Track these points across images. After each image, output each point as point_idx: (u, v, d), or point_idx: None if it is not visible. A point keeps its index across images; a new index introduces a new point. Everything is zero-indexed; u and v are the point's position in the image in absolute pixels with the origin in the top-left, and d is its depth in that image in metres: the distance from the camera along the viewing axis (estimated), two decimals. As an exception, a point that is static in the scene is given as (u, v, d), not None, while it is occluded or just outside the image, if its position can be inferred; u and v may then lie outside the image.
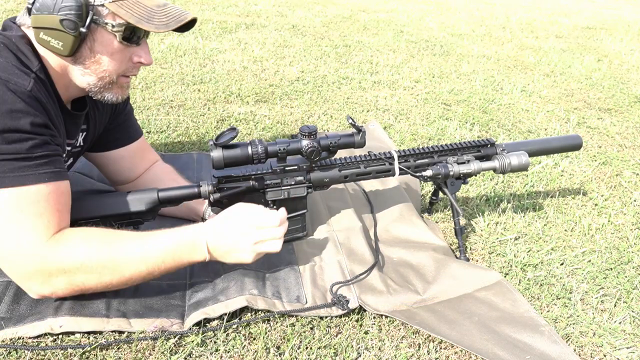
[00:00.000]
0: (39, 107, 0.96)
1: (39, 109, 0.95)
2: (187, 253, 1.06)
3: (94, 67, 1.05)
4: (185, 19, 1.04)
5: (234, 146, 1.18)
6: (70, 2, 0.95)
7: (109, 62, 1.05)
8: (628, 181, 1.96)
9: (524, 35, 4.74)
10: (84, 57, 1.03)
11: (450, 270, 1.29)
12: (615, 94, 3.11)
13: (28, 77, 0.96)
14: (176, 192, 1.24)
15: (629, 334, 1.19)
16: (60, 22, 0.96)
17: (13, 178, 0.92)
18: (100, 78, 1.06)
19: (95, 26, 1.00)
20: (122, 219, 1.22)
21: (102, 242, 1.00)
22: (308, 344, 1.06)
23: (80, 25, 0.97)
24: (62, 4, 0.95)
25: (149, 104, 2.32)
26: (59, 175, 0.99)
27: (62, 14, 0.95)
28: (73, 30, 0.97)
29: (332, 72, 3.08)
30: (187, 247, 1.06)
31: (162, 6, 1.04)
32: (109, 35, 1.02)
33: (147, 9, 1.01)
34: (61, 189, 1.00)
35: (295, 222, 1.34)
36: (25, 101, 0.93)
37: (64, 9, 0.95)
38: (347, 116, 1.27)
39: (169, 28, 1.02)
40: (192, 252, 1.07)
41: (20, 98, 0.92)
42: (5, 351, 0.97)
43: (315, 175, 1.32)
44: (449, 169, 1.37)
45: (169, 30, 1.03)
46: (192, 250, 1.07)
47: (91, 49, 1.02)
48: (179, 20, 1.03)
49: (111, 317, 1.05)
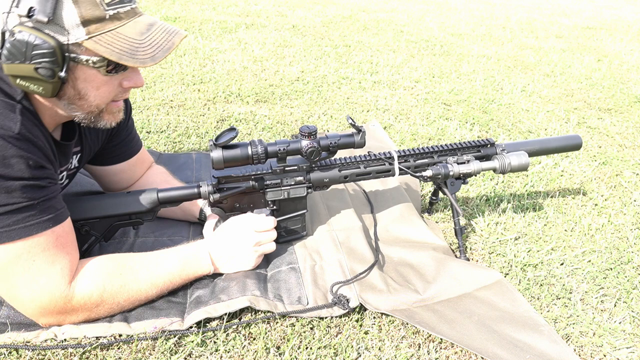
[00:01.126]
0: (31, 147, 0.90)
1: (31, 150, 0.89)
2: (192, 269, 1.15)
3: (80, 103, 0.97)
4: (173, 44, 0.94)
5: (234, 146, 1.18)
6: (42, 49, 0.84)
7: (95, 96, 0.96)
8: (628, 181, 1.96)
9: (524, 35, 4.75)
10: (67, 95, 0.95)
11: (450, 270, 1.29)
12: (615, 94, 3.11)
13: (14, 115, 0.88)
14: (176, 193, 1.24)
15: (629, 334, 1.19)
16: (36, 71, 0.86)
17: (20, 230, 0.89)
18: (88, 112, 0.99)
19: (74, 64, 0.90)
20: (122, 219, 1.22)
21: (114, 274, 1.04)
22: (308, 344, 1.06)
23: (58, 71, 0.87)
24: (33, 51, 0.84)
25: (149, 104, 2.32)
26: (62, 216, 0.97)
27: (35, 62, 0.85)
28: (51, 78, 0.87)
29: (332, 72, 3.08)
30: (192, 263, 1.14)
31: (146, 32, 0.93)
32: (91, 71, 0.92)
33: (128, 42, 0.90)
34: (65, 229, 0.98)
35: (295, 222, 1.34)
36: (16, 145, 0.86)
37: (36, 57, 0.84)
38: (347, 116, 1.27)
39: (155, 61, 0.91)
40: (197, 267, 1.15)
41: (10, 143, 0.86)
42: (6, 351, 0.97)
43: (315, 175, 1.32)
44: (449, 169, 1.38)
45: (155, 63, 0.92)
46: (197, 266, 1.15)
47: (74, 87, 0.93)
48: (166, 49, 0.93)
49: (113, 321, 1.05)
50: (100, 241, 1.23)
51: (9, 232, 0.89)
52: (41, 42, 0.84)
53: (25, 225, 0.90)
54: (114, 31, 0.89)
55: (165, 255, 1.12)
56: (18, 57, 0.85)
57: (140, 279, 1.06)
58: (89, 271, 1.01)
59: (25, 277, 0.93)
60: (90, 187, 1.47)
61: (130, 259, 1.08)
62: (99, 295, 1.01)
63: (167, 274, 1.10)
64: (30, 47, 0.84)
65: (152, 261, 1.09)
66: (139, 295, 1.06)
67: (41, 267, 0.93)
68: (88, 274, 1.00)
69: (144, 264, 1.08)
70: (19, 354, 0.97)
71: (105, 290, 1.01)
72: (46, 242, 0.93)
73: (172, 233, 1.38)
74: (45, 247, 0.94)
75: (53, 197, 0.95)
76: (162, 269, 1.09)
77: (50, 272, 0.95)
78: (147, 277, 1.07)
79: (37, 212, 0.91)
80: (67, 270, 0.97)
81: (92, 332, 1.02)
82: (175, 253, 1.13)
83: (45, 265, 0.94)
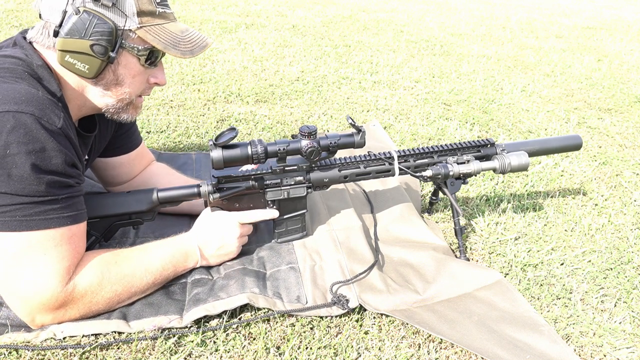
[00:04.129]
0: (68, 144, 0.95)
1: (68, 146, 0.95)
2: (182, 259, 1.17)
3: (114, 89, 1.05)
4: (206, 44, 1.08)
5: (234, 146, 1.18)
6: (102, 28, 0.95)
7: (130, 84, 1.06)
8: (628, 181, 1.96)
9: (524, 35, 4.75)
10: (106, 79, 1.03)
11: (450, 270, 1.29)
12: (615, 94, 3.11)
13: (58, 111, 0.94)
14: (175, 192, 1.25)
15: (629, 334, 1.19)
16: (91, 47, 0.96)
17: (39, 221, 0.92)
18: (120, 100, 1.07)
19: (121, 50, 1.01)
20: (122, 218, 1.22)
21: (111, 263, 1.05)
22: (308, 344, 1.06)
23: (109, 50, 0.98)
24: (94, 29, 0.95)
25: (149, 104, 2.32)
26: (80, 217, 1.00)
27: (93, 39, 0.95)
28: (102, 55, 0.97)
29: (332, 72, 3.08)
30: (181, 253, 1.17)
31: (185, 31, 1.07)
32: (132, 59, 1.03)
33: (172, 35, 1.03)
34: (81, 230, 1.01)
35: (295, 222, 1.34)
36: (57, 140, 0.92)
37: (95, 34, 0.95)
38: (346, 116, 1.27)
39: (194, 54, 1.05)
40: (186, 257, 1.18)
41: (52, 137, 0.91)
42: (6, 351, 0.97)
43: (315, 175, 1.32)
44: (449, 169, 1.37)
45: (193, 57, 1.05)
46: (186, 255, 1.18)
47: (114, 71, 1.03)
48: (201, 47, 1.07)
49: (112, 318, 1.05)
50: (100, 241, 1.22)
51: (29, 221, 0.91)
52: (103, 22, 0.95)
53: (45, 217, 0.92)
54: (160, 26, 1.03)
55: (156, 245, 1.15)
56: (80, 32, 0.95)
57: (135, 265, 1.08)
58: (86, 262, 1.02)
59: (32, 269, 0.93)
60: (90, 189, 1.47)
61: (123, 250, 1.11)
62: (98, 283, 1.01)
63: (160, 261, 1.12)
64: (93, 25, 0.95)
65: (144, 250, 1.12)
66: (135, 282, 1.07)
67: (50, 261, 0.94)
68: (86, 265, 1.01)
69: (137, 252, 1.11)
70: (18, 354, 0.97)
71: (103, 278, 1.02)
72: (61, 237, 0.95)
73: (172, 233, 1.38)
74: (59, 243, 0.95)
75: (77, 196, 0.99)
76: (155, 257, 1.12)
77: (58, 267, 0.95)
78: (142, 264, 1.09)
79: (59, 207, 0.94)
80: (72, 269, 0.98)
81: (90, 329, 1.02)
82: (165, 244, 1.16)
83: (55, 260, 0.95)
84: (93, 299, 1.02)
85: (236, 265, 1.24)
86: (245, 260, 1.27)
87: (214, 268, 1.25)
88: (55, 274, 0.95)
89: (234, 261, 1.26)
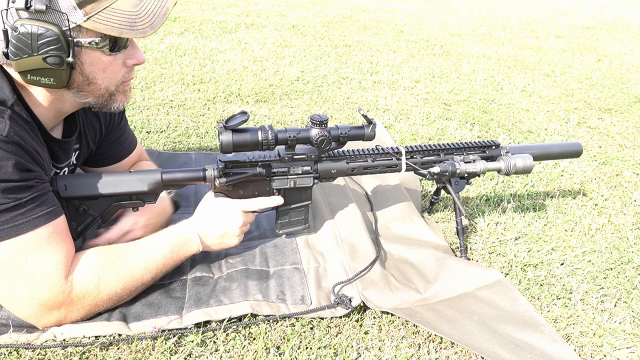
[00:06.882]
0: (19, 150, 0.90)
1: (18, 153, 0.90)
2: (183, 249, 1.15)
3: (89, 89, 0.99)
4: (167, 9, 0.96)
5: (244, 130, 1.15)
6: (47, 37, 0.86)
7: (103, 79, 0.99)
8: (628, 181, 1.96)
9: (524, 35, 4.75)
10: (76, 82, 0.97)
11: (450, 269, 1.29)
12: (615, 94, 3.11)
13: (3, 119, 0.89)
14: (180, 175, 1.21)
15: (629, 334, 1.19)
16: (45, 61, 0.88)
17: (8, 230, 0.89)
18: (99, 96, 1.02)
19: (79, 49, 0.92)
20: (123, 199, 1.17)
21: (108, 263, 1.04)
22: (308, 344, 1.06)
23: (65, 57, 0.89)
24: (38, 41, 0.86)
25: (149, 104, 2.32)
26: (54, 213, 0.97)
27: (42, 52, 0.87)
28: (60, 65, 0.90)
29: (332, 72, 3.08)
30: (181, 243, 1.15)
31: (139, 3, 0.94)
32: (95, 53, 0.95)
33: (125, 15, 0.92)
34: (60, 225, 0.98)
35: (298, 214, 1.34)
36: (3, 148, 0.87)
37: (43, 46, 0.87)
38: (357, 108, 1.25)
39: (154, 28, 0.95)
40: (187, 246, 1.16)
41: None
42: (7, 351, 0.97)
43: (323, 165, 1.30)
44: (456, 166, 1.37)
45: (155, 31, 0.95)
46: (186, 245, 1.16)
47: (82, 72, 0.96)
48: (161, 15, 0.96)
49: (112, 320, 1.05)
50: (98, 222, 1.18)
51: None
52: (44, 30, 0.86)
53: (14, 224, 0.90)
54: (109, 8, 0.91)
55: (155, 239, 1.12)
56: (25, 50, 0.87)
57: (134, 265, 1.06)
58: (83, 262, 1.01)
59: (21, 276, 0.93)
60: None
61: (121, 248, 1.09)
62: (96, 285, 1.00)
63: (159, 256, 1.10)
64: (35, 38, 0.86)
65: (143, 247, 1.10)
66: (134, 281, 1.06)
67: (35, 265, 0.93)
68: (83, 265, 1.00)
69: (135, 250, 1.08)
70: (19, 354, 0.97)
71: (101, 279, 1.01)
72: (38, 239, 0.93)
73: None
74: (38, 245, 0.93)
75: (42, 194, 0.95)
76: (154, 253, 1.10)
77: (46, 268, 0.94)
78: (140, 262, 1.07)
79: (25, 211, 0.91)
80: (62, 265, 0.97)
81: (91, 331, 1.02)
82: (164, 236, 1.13)
83: (39, 262, 0.94)
84: (93, 301, 1.02)
85: (239, 265, 1.24)
86: (248, 259, 1.27)
87: (215, 265, 1.24)
88: (44, 275, 0.94)
89: (236, 259, 1.26)
